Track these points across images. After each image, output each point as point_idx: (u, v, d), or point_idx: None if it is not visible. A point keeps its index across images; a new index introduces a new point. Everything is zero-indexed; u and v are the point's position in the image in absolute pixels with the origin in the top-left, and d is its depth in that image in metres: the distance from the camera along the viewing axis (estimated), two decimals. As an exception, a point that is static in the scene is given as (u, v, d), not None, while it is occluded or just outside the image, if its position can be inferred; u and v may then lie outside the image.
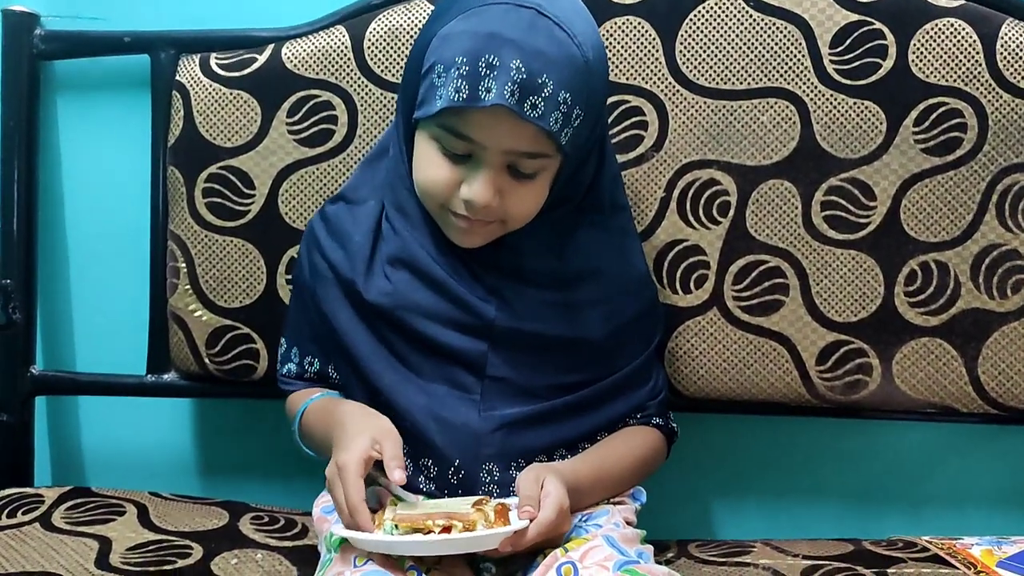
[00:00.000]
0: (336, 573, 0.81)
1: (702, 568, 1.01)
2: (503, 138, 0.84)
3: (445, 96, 0.83)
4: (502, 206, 0.87)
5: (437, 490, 0.91)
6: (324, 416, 0.93)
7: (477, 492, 0.90)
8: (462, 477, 0.90)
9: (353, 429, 0.85)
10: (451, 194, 0.87)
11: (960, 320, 1.09)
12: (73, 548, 0.96)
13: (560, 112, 0.83)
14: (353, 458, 0.81)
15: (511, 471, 0.91)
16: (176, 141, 1.12)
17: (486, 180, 0.85)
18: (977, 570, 0.99)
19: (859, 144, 1.08)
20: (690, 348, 1.10)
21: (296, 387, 1.00)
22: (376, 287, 0.92)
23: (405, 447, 0.90)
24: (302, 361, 1.00)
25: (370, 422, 0.86)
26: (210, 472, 1.26)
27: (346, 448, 0.82)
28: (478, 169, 0.85)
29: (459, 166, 0.86)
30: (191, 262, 1.12)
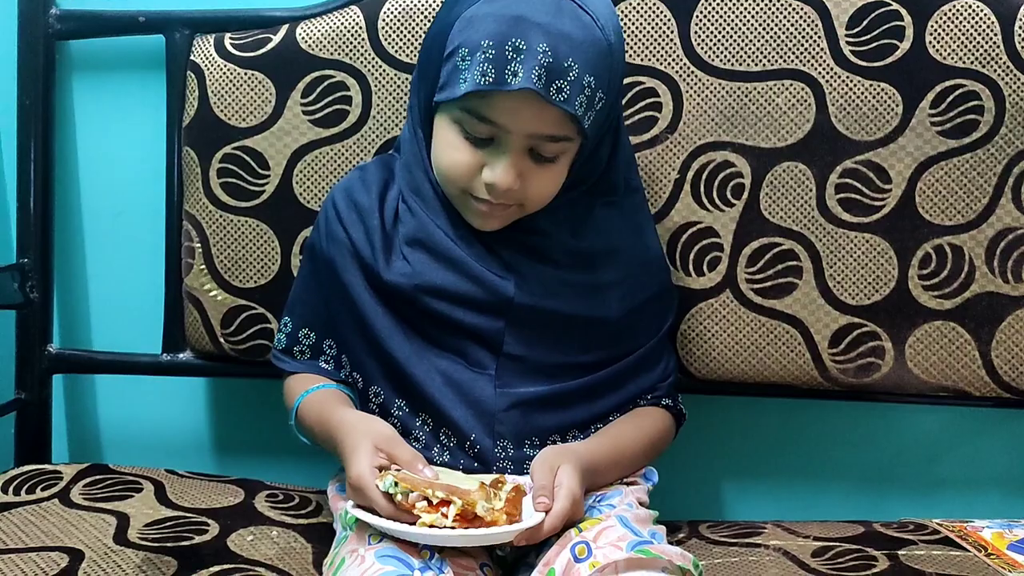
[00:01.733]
0: (351, 550, 0.82)
1: (713, 548, 1.02)
2: (527, 122, 0.84)
3: (471, 80, 0.83)
4: (523, 189, 0.87)
5: (452, 460, 0.92)
6: (319, 415, 0.93)
7: (492, 467, 0.91)
8: (477, 451, 0.91)
9: (352, 440, 0.85)
10: (472, 178, 0.87)
11: (974, 304, 1.08)
12: (91, 524, 0.97)
13: (584, 96, 0.83)
14: (365, 472, 0.82)
15: (524, 448, 0.91)
16: (191, 121, 1.12)
17: (509, 164, 0.85)
18: (988, 552, 0.99)
19: (875, 126, 1.07)
20: (703, 330, 1.10)
21: (287, 365, 1.00)
22: (394, 268, 0.92)
23: (422, 418, 0.91)
24: (295, 333, 0.99)
25: (369, 428, 0.87)
26: (225, 450, 1.27)
27: (354, 463, 0.83)
28: (501, 153, 0.86)
29: (481, 150, 0.87)
30: (206, 242, 1.13)
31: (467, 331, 0.92)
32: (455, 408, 0.91)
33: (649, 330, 0.98)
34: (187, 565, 0.90)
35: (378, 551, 0.80)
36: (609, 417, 0.96)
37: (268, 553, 0.95)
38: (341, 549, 0.85)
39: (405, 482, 0.80)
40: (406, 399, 0.93)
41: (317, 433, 0.93)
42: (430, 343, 0.92)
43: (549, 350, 0.93)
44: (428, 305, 0.92)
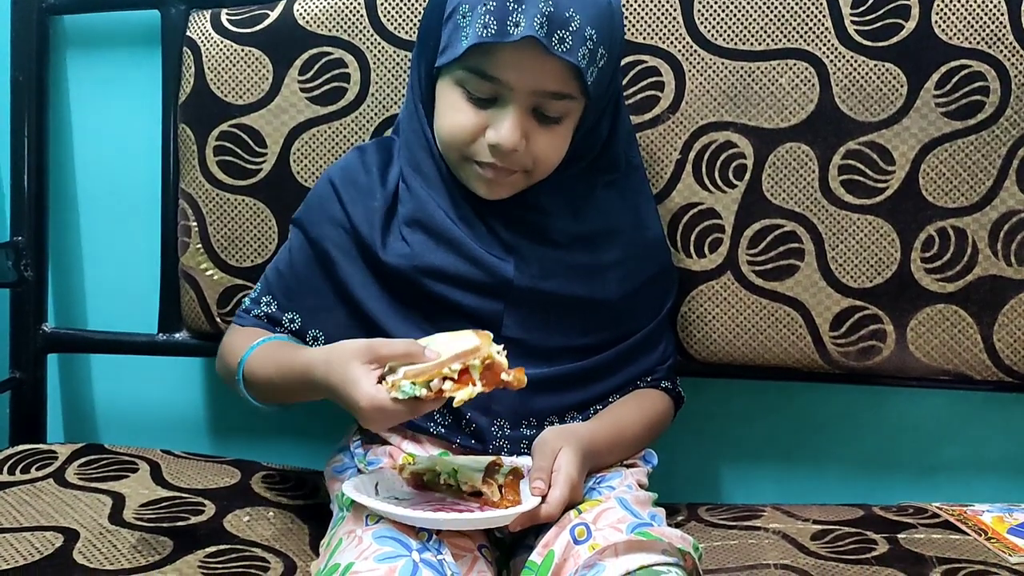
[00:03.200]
0: (348, 531, 0.82)
1: (712, 531, 1.02)
2: (530, 76, 0.83)
3: (472, 34, 0.82)
4: (528, 152, 0.86)
5: (447, 432, 0.91)
6: (279, 364, 0.87)
7: (488, 445, 0.90)
8: (473, 429, 0.91)
9: (338, 373, 0.79)
10: (476, 140, 0.86)
11: (977, 287, 1.08)
12: (87, 504, 0.96)
13: (587, 48, 0.82)
14: (375, 394, 0.76)
15: (521, 428, 0.91)
16: (187, 98, 1.11)
17: (513, 122, 0.84)
18: (988, 536, 0.99)
19: (879, 107, 1.06)
20: (703, 312, 1.09)
21: (238, 320, 0.96)
22: (393, 249, 0.91)
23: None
24: (259, 299, 0.96)
25: (344, 352, 0.81)
26: (221, 431, 1.26)
27: (356, 391, 0.77)
28: (504, 112, 0.85)
29: (484, 111, 0.85)
30: (202, 221, 1.12)
31: (465, 312, 0.91)
32: None
33: (649, 312, 0.98)
34: (183, 545, 0.90)
35: (376, 532, 0.79)
36: (608, 399, 0.96)
37: (265, 534, 0.95)
38: (338, 530, 0.84)
39: (419, 377, 0.76)
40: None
41: (278, 383, 0.88)
42: (427, 324, 0.91)
43: (548, 332, 0.92)
44: (427, 287, 0.91)
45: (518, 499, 0.82)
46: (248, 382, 0.90)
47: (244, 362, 0.90)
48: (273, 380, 0.88)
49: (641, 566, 0.79)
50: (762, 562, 0.93)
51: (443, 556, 0.78)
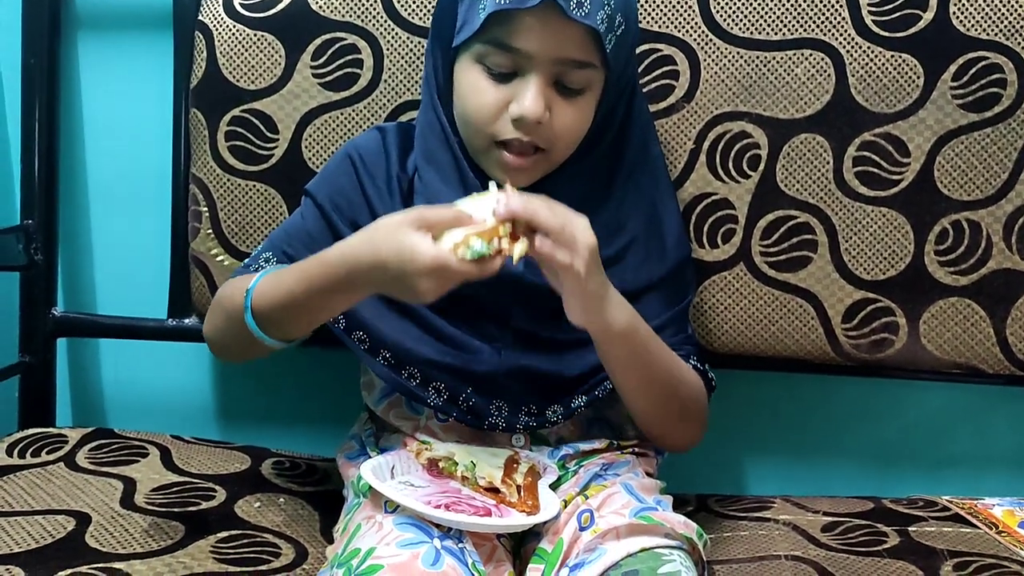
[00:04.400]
0: (367, 516, 0.81)
1: (722, 523, 1.02)
2: (551, 43, 0.82)
3: (490, 3, 0.81)
4: (550, 126, 0.84)
5: (446, 405, 0.89)
6: (301, 273, 0.82)
7: (483, 423, 0.90)
8: (472, 405, 0.89)
9: (386, 246, 0.75)
10: (499, 117, 0.85)
11: (990, 280, 1.07)
12: (98, 488, 0.96)
13: (605, 13, 0.82)
14: (436, 252, 0.73)
15: (520, 415, 0.90)
16: (199, 83, 1.10)
17: (536, 91, 0.83)
18: (999, 530, 0.99)
19: (895, 98, 1.06)
20: (716, 303, 1.09)
21: (235, 272, 0.93)
22: None
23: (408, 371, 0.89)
24: (260, 255, 0.92)
25: (390, 224, 0.77)
26: (230, 417, 1.26)
27: (416, 253, 0.74)
28: (526, 83, 0.83)
29: (506, 85, 0.84)
30: (213, 206, 1.11)
31: (474, 303, 0.90)
32: (454, 359, 0.89)
33: (663, 307, 0.95)
34: (194, 530, 0.90)
35: (396, 518, 0.79)
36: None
37: (275, 520, 0.95)
38: (355, 515, 0.84)
39: (481, 236, 0.74)
40: (390, 350, 0.90)
41: (298, 295, 0.81)
42: (434, 312, 0.90)
43: (557, 325, 0.91)
44: None
45: (536, 503, 0.82)
46: (257, 310, 0.84)
47: (253, 288, 0.85)
48: (293, 293, 0.82)
49: (643, 548, 0.79)
50: (772, 553, 0.93)
51: (464, 544, 0.79)
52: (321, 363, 1.20)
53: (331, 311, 0.85)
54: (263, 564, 0.86)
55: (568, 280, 0.78)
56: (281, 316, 0.84)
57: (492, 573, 0.79)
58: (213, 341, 0.94)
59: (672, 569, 0.77)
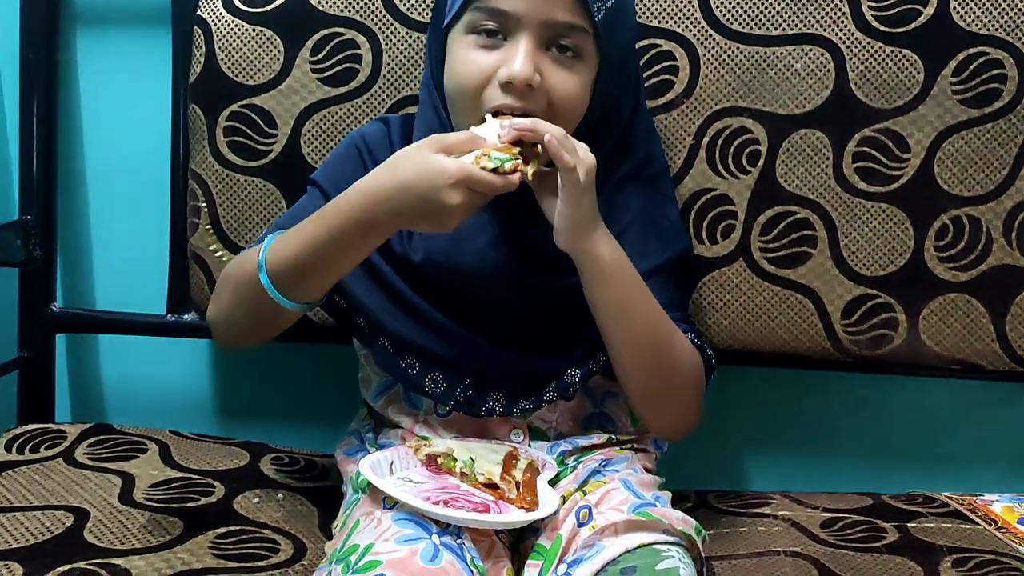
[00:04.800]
0: (366, 512, 0.81)
1: (721, 518, 1.02)
2: (537, 4, 0.82)
3: None
4: (544, 90, 0.83)
5: (443, 394, 0.89)
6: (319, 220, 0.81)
7: (480, 411, 0.89)
8: (469, 395, 0.89)
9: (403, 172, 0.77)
10: (489, 83, 0.83)
11: (990, 276, 1.07)
12: (96, 483, 0.96)
13: None
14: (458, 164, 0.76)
15: (518, 402, 0.89)
16: (197, 78, 1.10)
17: (525, 53, 0.82)
18: (998, 526, 0.99)
19: (895, 94, 1.05)
20: (715, 299, 1.09)
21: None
22: (401, 242, 0.90)
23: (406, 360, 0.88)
24: (264, 237, 0.89)
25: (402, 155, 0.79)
26: (230, 413, 1.26)
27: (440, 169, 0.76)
28: (515, 46, 0.83)
29: (495, 52, 0.84)
30: (212, 202, 1.11)
31: (471, 298, 0.90)
32: (449, 350, 0.89)
33: (658, 292, 0.90)
34: (193, 526, 0.90)
35: (394, 514, 0.79)
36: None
37: (274, 516, 0.95)
38: (354, 511, 0.84)
39: (499, 150, 0.77)
40: (390, 339, 0.90)
41: (320, 241, 0.81)
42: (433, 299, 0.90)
43: (555, 319, 0.90)
44: (437, 278, 0.90)
45: (535, 499, 0.82)
46: (272, 268, 0.82)
47: (267, 246, 0.84)
48: (311, 240, 0.81)
49: (640, 544, 0.79)
50: (771, 549, 0.93)
51: (463, 540, 0.78)
52: (321, 359, 1.20)
53: (349, 259, 0.83)
54: (261, 560, 0.86)
55: (568, 186, 0.79)
56: (297, 271, 0.82)
57: (491, 569, 0.79)
58: (219, 322, 0.91)
59: (670, 565, 0.77)
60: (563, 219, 0.81)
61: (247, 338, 0.92)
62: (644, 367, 0.87)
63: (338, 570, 0.76)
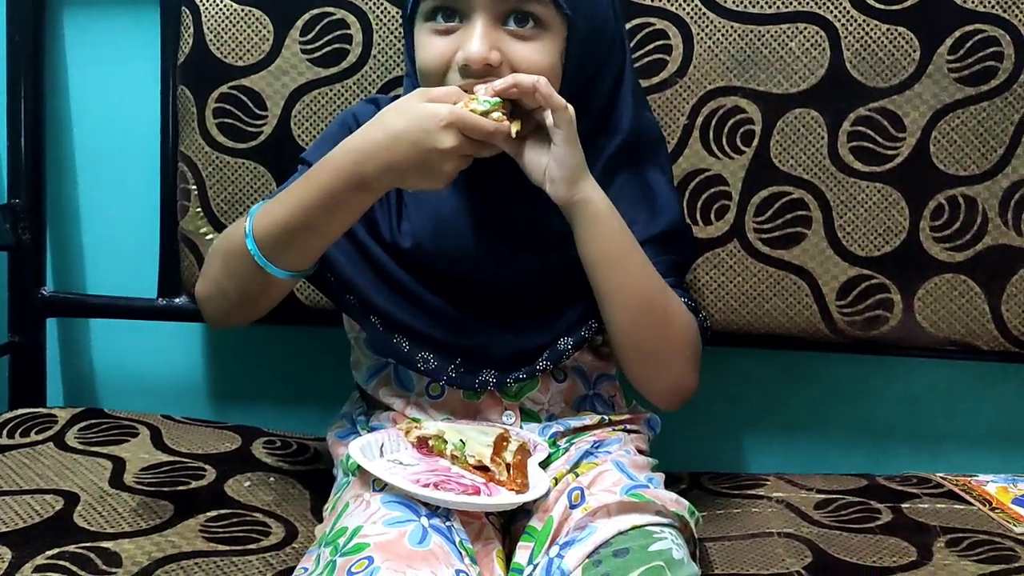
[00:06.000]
0: (355, 495, 0.81)
1: (715, 500, 1.01)
2: None
3: None
4: (507, 67, 0.82)
5: (435, 371, 0.88)
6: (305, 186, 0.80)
7: (473, 385, 0.89)
8: (461, 372, 0.88)
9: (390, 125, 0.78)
10: (450, 68, 0.83)
11: (986, 257, 1.07)
12: (87, 467, 0.96)
13: None
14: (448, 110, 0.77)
15: (508, 382, 0.89)
16: (186, 59, 1.09)
17: (479, 33, 0.81)
18: (992, 507, 0.99)
19: (890, 72, 1.04)
20: (709, 280, 1.08)
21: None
22: (390, 230, 0.89)
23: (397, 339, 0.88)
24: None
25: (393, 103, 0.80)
26: (221, 397, 1.25)
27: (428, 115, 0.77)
28: (469, 28, 0.82)
29: (452, 36, 0.83)
30: (202, 184, 1.10)
31: (460, 277, 0.89)
32: (439, 331, 0.88)
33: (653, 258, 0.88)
34: (184, 509, 0.89)
35: (384, 497, 0.78)
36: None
37: (266, 499, 0.94)
38: (344, 494, 0.83)
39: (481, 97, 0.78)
40: (380, 317, 0.89)
41: (307, 202, 0.80)
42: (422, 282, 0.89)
43: (543, 295, 0.89)
44: (428, 264, 0.89)
45: (526, 481, 0.81)
46: (260, 234, 0.81)
47: (254, 212, 0.83)
48: (299, 202, 0.80)
49: (633, 526, 0.78)
50: (765, 531, 0.93)
51: (452, 523, 0.78)
52: (313, 342, 1.19)
53: (339, 222, 0.82)
54: (252, 543, 0.86)
55: (562, 125, 0.79)
56: (285, 235, 0.81)
57: (481, 551, 0.79)
58: (208, 298, 0.89)
59: (663, 547, 0.77)
60: (560, 166, 0.80)
61: (237, 314, 0.90)
62: (639, 327, 0.86)
63: (327, 553, 0.76)
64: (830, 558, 0.87)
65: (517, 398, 0.91)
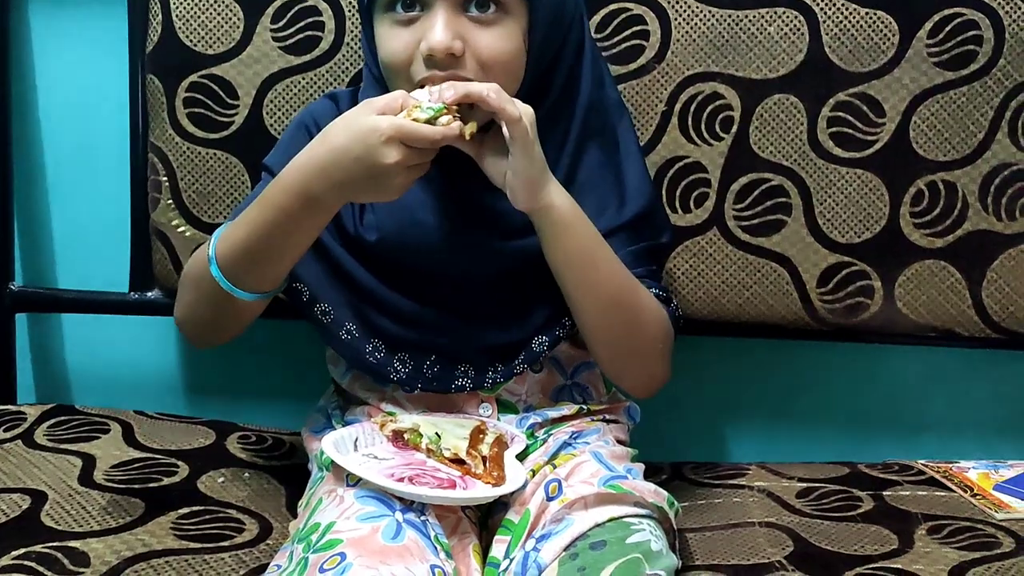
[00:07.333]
0: (328, 490, 0.80)
1: (696, 490, 1.00)
2: None
3: None
4: (472, 56, 0.80)
5: (410, 377, 0.87)
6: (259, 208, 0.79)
7: (451, 386, 0.88)
8: (436, 372, 0.87)
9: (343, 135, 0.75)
10: (414, 59, 0.81)
11: (966, 242, 1.06)
12: (56, 465, 0.94)
13: None
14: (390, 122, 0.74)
15: (487, 373, 0.88)
16: (155, 48, 1.07)
17: (441, 22, 0.79)
18: (973, 493, 0.98)
19: (869, 57, 1.04)
20: (688, 269, 1.07)
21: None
22: (354, 223, 0.87)
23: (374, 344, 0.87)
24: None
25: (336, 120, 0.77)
26: (196, 392, 1.24)
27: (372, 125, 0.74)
28: (431, 16, 0.80)
29: (414, 26, 0.81)
30: (173, 176, 1.08)
31: (430, 275, 0.88)
32: (411, 331, 0.87)
33: (621, 249, 0.87)
34: (155, 507, 0.88)
35: (358, 491, 0.77)
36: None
37: (240, 495, 0.93)
38: (318, 489, 0.82)
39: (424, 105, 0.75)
40: (359, 322, 0.88)
41: (260, 225, 0.79)
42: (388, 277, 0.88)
43: (515, 286, 0.88)
44: (394, 257, 0.87)
45: (502, 474, 0.80)
46: (223, 258, 0.81)
47: (217, 236, 0.82)
48: (256, 225, 0.79)
49: (611, 518, 0.77)
50: (747, 520, 0.92)
51: (427, 517, 0.77)
52: (290, 336, 1.17)
53: (298, 241, 0.81)
54: (225, 540, 0.84)
55: (517, 138, 0.76)
56: (248, 258, 0.81)
57: (457, 546, 0.77)
58: (186, 321, 0.90)
59: (641, 539, 0.76)
60: (518, 176, 0.78)
61: (216, 335, 0.91)
62: (609, 325, 0.85)
63: (299, 549, 0.74)
64: (812, 547, 0.87)
65: (494, 391, 0.89)
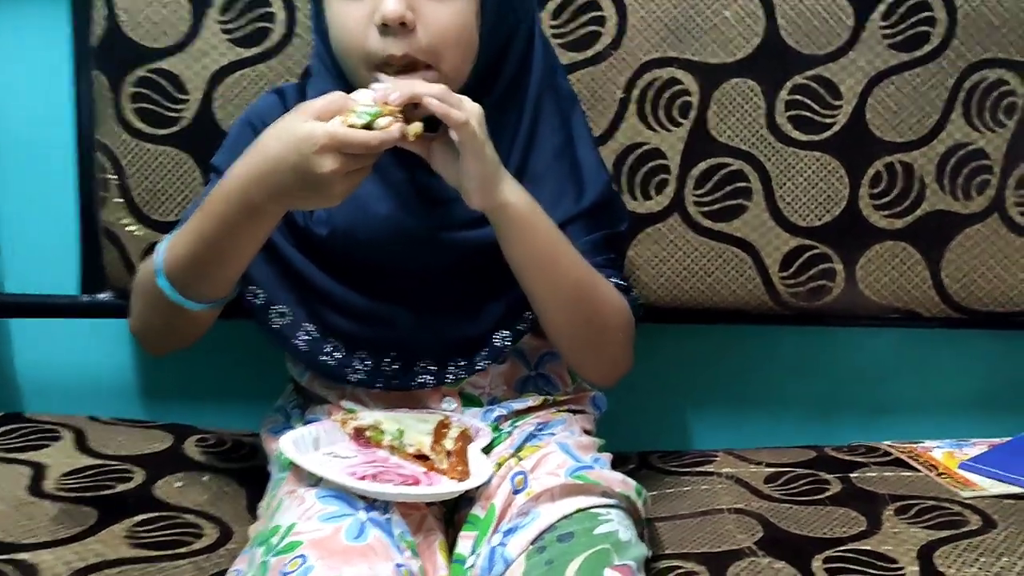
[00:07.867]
0: (289, 491, 0.78)
1: (664, 478, 1.00)
2: None
3: None
4: (425, 33, 0.79)
5: (370, 377, 0.86)
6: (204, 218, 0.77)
7: (411, 383, 0.86)
8: (396, 369, 0.86)
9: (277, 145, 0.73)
10: (368, 34, 0.79)
11: (925, 222, 1.07)
12: (3, 475, 0.90)
13: None
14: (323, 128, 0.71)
15: (448, 369, 0.86)
16: (99, 42, 1.04)
17: None
18: (939, 472, 0.99)
19: (825, 40, 1.04)
20: (650, 256, 1.06)
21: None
22: (304, 217, 0.85)
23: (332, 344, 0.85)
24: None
25: (271, 126, 0.75)
26: (152, 395, 1.20)
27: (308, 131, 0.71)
28: None
29: (365, 1, 0.79)
30: (122, 174, 1.05)
31: (388, 270, 0.86)
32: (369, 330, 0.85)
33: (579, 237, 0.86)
34: (108, 515, 0.85)
35: (319, 491, 0.76)
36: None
37: (198, 499, 0.90)
38: (278, 491, 0.80)
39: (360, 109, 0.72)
40: (316, 322, 0.87)
41: (207, 234, 0.77)
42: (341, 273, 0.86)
43: (475, 278, 0.86)
44: (346, 251, 0.85)
45: (467, 468, 0.79)
46: (170, 269, 0.80)
47: (163, 247, 0.81)
48: (200, 235, 0.78)
49: (578, 509, 0.76)
50: (715, 507, 0.92)
51: (391, 515, 0.75)
52: (247, 335, 1.14)
53: (243, 249, 0.79)
54: (183, 547, 0.82)
55: (466, 141, 0.75)
56: (193, 268, 0.79)
57: (422, 543, 0.76)
58: (140, 333, 0.89)
59: (609, 529, 0.75)
60: (471, 178, 0.77)
61: (173, 343, 0.89)
62: (570, 320, 0.84)
63: (259, 553, 0.72)
64: (781, 532, 0.86)
65: (457, 384, 0.88)
